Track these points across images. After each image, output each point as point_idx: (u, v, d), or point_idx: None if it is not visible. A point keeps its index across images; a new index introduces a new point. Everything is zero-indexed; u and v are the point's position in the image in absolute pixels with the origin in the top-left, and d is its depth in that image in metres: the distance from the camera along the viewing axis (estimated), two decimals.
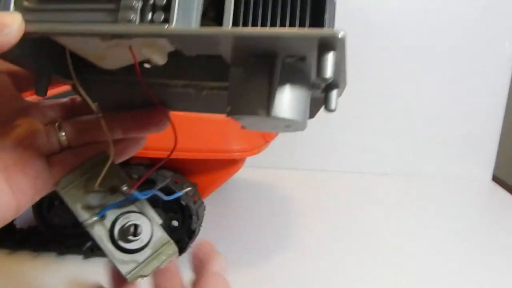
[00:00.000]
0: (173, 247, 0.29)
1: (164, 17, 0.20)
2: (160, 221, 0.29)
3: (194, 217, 0.51)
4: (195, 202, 0.53)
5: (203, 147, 0.52)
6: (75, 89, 0.28)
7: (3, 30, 0.20)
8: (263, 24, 0.20)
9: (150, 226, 0.28)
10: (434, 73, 0.92)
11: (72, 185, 0.28)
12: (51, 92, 0.29)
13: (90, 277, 0.29)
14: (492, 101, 0.94)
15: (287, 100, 0.21)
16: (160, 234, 0.29)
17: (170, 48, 0.23)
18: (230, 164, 0.57)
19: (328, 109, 0.23)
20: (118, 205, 0.28)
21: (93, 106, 0.27)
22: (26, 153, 0.26)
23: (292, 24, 0.20)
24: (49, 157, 0.27)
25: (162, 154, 0.51)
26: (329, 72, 0.18)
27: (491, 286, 0.55)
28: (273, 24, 0.20)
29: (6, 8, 0.21)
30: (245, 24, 0.20)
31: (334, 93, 0.23)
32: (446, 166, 0.96)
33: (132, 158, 0.53)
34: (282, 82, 0.21)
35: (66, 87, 0.28)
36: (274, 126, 0.24)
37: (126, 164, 0.51)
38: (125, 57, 0.24)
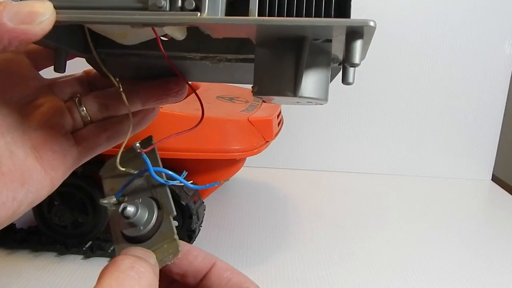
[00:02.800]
0: (174, 245, 0.25)
1: (195, 4, 0.20)
2: (174, 213, 0.26)
3: (194, 217, 0.51)
4: (195, 202, 0.53)
5: (203, 147, 0.52)
6: (91, 63, 0.28)
7: (36, 19, 0.19)
8: (289, 9, 0.21)
9: (155, 214, 0.25)
10: (434, 73, 0.92)
11: (110, 170, 0.28)
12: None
13: (90, 277, 0.29)
14: (492, 101, 0.94)
15: (313, 80, 0.22)
16: (168, 228, 0.25)
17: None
18: (230, 164, 0.57)
19: (346, 82, 0.24)
20: (138, 189, 0.27)
21: (115, 81, 0.28)
22: (52, 132, 0.26)
23: (318, 10, 0.21)
24: (74, 133, 0.28)
25: (162, 154, 0.51)
26: (357, 58, 0.19)
27: (491, 286, 0.55)
28: (299, 9, 0.20)
29: None
30: (270, 6, 0.20)
31: (358, 43, 0.24)
32: (446, 166, 0.96)
33: None
34: (308, 63, 0.22)
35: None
36: (296, 102, 0.24)
37: None
38: (145, 34, 0.25)
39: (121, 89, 0.28)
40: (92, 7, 0.21)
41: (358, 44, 0.19)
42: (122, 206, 0.25)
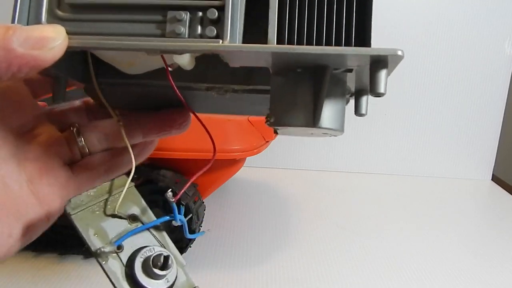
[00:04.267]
0: None
1: (216, 31, 0.19)
2: (184, 263, 0.24)
3: (194, 217, 0.51)
4: (195, 202, 0.53)
5: (203, 147, 0.52)
6: (89, 93, 0.27)
7: (47, 44, 0.18)
8: (308, 37, 0.20)
9: (175, 265, 0.23)
10: (434, 73, 0.92)
11: (84, 207, 0.24)
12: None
13: (90, 277, 0.29)
14: (492, 101, 0.94)
15: (330, 110, 0.21)
16: (185, 278, 0.24)
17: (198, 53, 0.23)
18: (230, 164, 0.57)
19: (359, 113, 0.24)
20: (138, 237, 0.24)
21: (114, 114, 0.26)
22: (49, 163, 0.25)
23: (338, 38, 0.20)
24: (72, 164, 0.26)
25: (163, 154, 0.51)
26: (382, 88, 0.19)
27: (491, 286, 0.55)
28: (318, 37, 0.20)
29: (37, 17, 0.20)
30: (290, 34, 0.20)
31: (364, 98, 0.23)
32: (446, 166, 0.96)
33: None
34: (327, 93, 0.21)
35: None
36: (311, 133, 0.24)
37: None
38: (153, 63, 0.24)
39: (121, 123, 0.26)
40: (106, 33, 0.20)
41: (383, 74, 0.19)
42: (156, 254, 0.22)
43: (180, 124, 0.29)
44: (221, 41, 0.19)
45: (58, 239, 0.55)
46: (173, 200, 0.24)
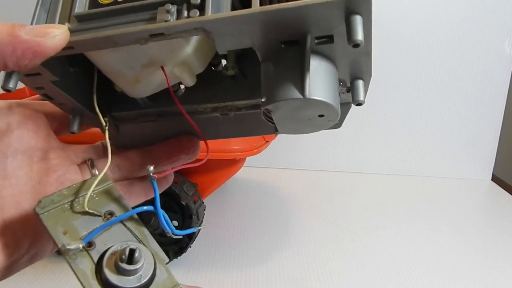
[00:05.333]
0: None
1: (199, 14, 0.20)
2: (166, 259, 0.22)
3: (194, 217, 0.51)
4: (195, 202, 0.53)
5: (203, 147, 0.52)
6: (101, 128, 0.27)
7: (50, 33, 0.20)
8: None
9: (152, 261, 0.21)
10: (434, 73, 0.92)
11: (54, 205, 0.22)
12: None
13: None
14: (492, 101, 0.94)
15: (320, 83, 0.22)
16: (166, 276, 0.21)
17: (199, 68, 0.25)
18: (230, 164, 0.57)
19: (356, 101, 0.23)
20: (113, 234, 0.22)
21: (103, 121, 0.27)
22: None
23: None
24: None
25: None
26: (359, 34, 0.18)
27: (491, 286, 0.55)
28: None
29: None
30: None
31: (360, 83, 0.23)
32: (446, 166, 0.96)
33: None
34: (314, 67, 0.21)
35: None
36: (307, 119, 0.24)
37: None
38: (157, 81, 0.25)
39: (107, 127, 0.27)
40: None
41: (358, 19, 0.19)
42: (127, 249, 0.20)
43: (189, 149, 0.29)
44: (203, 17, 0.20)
45: None
46: (154, 176, 0.22)
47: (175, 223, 0.53)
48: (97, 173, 0.26)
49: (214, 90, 0.27)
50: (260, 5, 0.20)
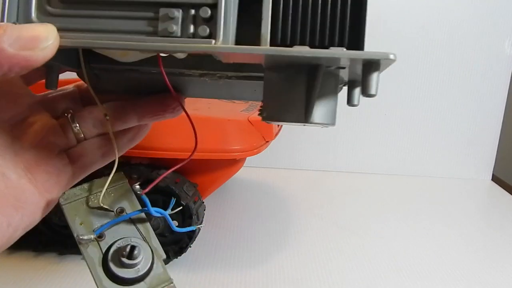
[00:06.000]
0: None
1: (209, 31, 0.19)
2: (163, 256, 0.25)
3: (194, 217, 0.51)
4: (195, 202, 0.53)
5: (203, 147, 0.52)
6: (82, 77, 0.27)
7: (38, 44, 0.18)
8: (302, 35, 0.19)
9: (150, 256, 0.24)
10: (434, 73, 0.92)
11: (76, 198, 0.26)
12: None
13: (90, 277, 0.29)
14: (492, 101, 0.94)
15: (322, 105, 0.22)
16: (161, 270, 0.25)
17: None
18: (230, 164, 0.57)
19: (351, 104, 0.23)
20: (121, 229, 0.25)
21: (102, 108, 0.27)
22: (45, 151, 0.25)
23: (331, 38, 0.19)
24: (68, 151, 0.26)
25: (162, 154, 0.51)
26: (374, 89, 0.19)
27: (491, 286, 0.55)
28: (312, 35, 0.19)
29: (27, 14, 0.20)
30: (284, 32, 0.19)
31: (357, 90, 0.23)
32: (446, 166, 0.96)
33: (132, 158, 0.53)
34: (320, 89, 0.21)
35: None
36: (303, 125, 0.24)
37: (126, 163, 0.51)
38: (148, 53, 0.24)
39: (108, 117, 0.26)
40: (98, 30, 0.20)
41: (375, 76, 0.19)
42: (128, 246, 0.24)
43: (173, 108, 0.29)
44: (213, 41, 0.19)
45: (58, 239, 0.55)
46: (141, 192, 0.25)
47: (175, 223, 0.53)
48: (78, 127, 0.26)
49: (205, 58, 0.26)
50: (271, 39, 0.19)
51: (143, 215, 0.26)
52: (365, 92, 0.19)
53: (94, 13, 0.20)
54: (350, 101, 0.23)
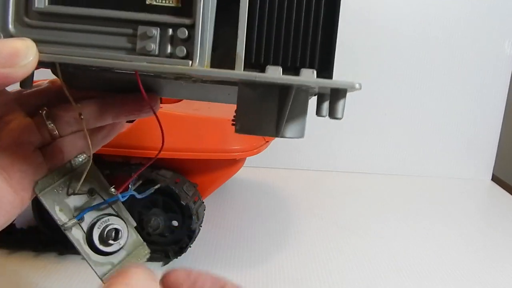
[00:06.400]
0: (146, 249, 0.30)
1: (186, 52, 0.20)
2: (134, 224, 0.30)
3: (194, 217, 0.51)
4: (195, 202, 0.53)
5: (203, 147, 0.52)
6: (57, 74, 0.27)
7: (18, 62, 0.18)
8: (275, 57, 0.21)
9: (126, 229, 0.29)
10: (434, 73, 0.92)
11: (50, 187, 0.27)
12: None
13: (90, 277, 0.29)
14: (492, 101, 0.94)
15: (294, 121, 0.23)
16: (135, 237, 0.30)
17: None
18: (230, 164, 0.57)
19: (319, 115, 0.24)
20: (96, 208, 0.28)
21: (77, 107, 0.26)
22: (20, 150, 0.25)
23: (303, 61, 0.21)
24: (43, 149, 0.26)
25: (163, 154, 0.51)
26: (340, 114, 0.21)
27: (491, 286, 0.55)
28: (285, 57, 0.21)
29: (4, 24, 0.20)
30: (257, 53, 0.20)
31: (326, 103, 0.24)
32: (446, 166, 0.96)
33: (132, 157, 0.53)
34: (290, 105, 0.22)
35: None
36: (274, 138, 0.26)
37: (126, 163, 0.51)
38: None
39: (82, 117, 0.26)
40: (76, 44, 0.20)
41: (341, 102, 0.21)
42: (109, 227, 0.28)
43: (147, 109, 0.29)
44: (190, 62, 0.20)
45: (58, 239, 0.55)
46: (116, 193, 0.28)
47: (175, 223, 0.53)
48: (52, 125, 0.26)
49: None
50: (246, 58, 0.20)
51: (113, 190, 0.29)
52: (332, 115, 0.21)
53: (72, 26, 0.20)
54: (318, 112, 0.24)
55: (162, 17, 0.20)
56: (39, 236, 0.55)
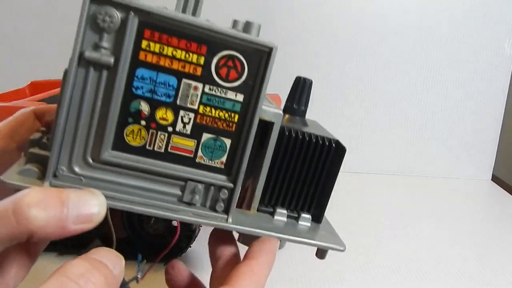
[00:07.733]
0: None
1: (224, 208, 0.25)
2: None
3: None
4: None
5: None
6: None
7: (93, 220, 0.20)
8: (282, 204, 0.30)
9: None
10: (434, 73, 0.92)
11: None
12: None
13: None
14: (492, 101, 0.94)
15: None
16: None
17: None
18: None
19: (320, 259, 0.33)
20: None
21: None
22: None
23: (302, 209, 0.33)
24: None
25: None
26: (325, 257, 0.33)
27: (491, 286, 0.55)
28: (289, 206, 0.31)
29: (70, 166, 0.22)
30: (269, 201, 0.30)
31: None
32: (446, 166, 0.96)
33: None
34: None
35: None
36: None
37: None
38: None
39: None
40: (133, 186, 0.23)
41: (325, 254, 0.33)
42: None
43: None
44: (226, 216, 0.26)
45: (58, 239, 0.55)
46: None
47: (175, 223, 0.53)
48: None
49: None
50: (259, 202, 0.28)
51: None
52: (319, 257, 0.32)
53: (126, 179, 0.23)
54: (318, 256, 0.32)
55: (210, 175, 0.24)
56: None
